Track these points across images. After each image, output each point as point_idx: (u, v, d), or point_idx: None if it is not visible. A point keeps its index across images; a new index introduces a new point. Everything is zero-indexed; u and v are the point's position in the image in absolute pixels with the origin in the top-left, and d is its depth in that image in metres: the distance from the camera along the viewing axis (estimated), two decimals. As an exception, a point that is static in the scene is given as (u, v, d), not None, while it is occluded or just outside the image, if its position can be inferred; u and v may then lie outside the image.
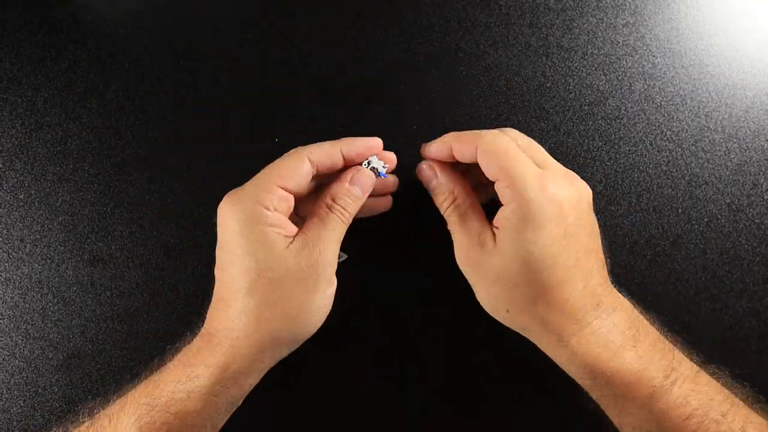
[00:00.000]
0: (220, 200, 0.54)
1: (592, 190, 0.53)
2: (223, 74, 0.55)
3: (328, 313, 0.45)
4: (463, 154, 0.44)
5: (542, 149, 0.44)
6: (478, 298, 0.45)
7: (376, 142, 0.47)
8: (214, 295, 0.45)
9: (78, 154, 0.55)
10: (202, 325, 0.46)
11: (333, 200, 0.44)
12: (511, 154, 0.41)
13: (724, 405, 0.40)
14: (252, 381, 0.44)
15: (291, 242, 0.42)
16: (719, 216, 0.53)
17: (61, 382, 0.52)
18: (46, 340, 0.53)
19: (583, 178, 0.53)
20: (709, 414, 0.39)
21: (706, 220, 0.53)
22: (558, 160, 0.53)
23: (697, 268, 0.52)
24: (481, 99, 0.55)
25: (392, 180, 0.50)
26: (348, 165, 0.46)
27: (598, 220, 0.53)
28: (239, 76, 0.55)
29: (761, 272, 0.52)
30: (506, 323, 0.44)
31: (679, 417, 0.39)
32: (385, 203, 0.50)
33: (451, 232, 0.45)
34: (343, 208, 0.44)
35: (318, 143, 0.45)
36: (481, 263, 0.42)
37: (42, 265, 0.53)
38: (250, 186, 0.44)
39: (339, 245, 0.44)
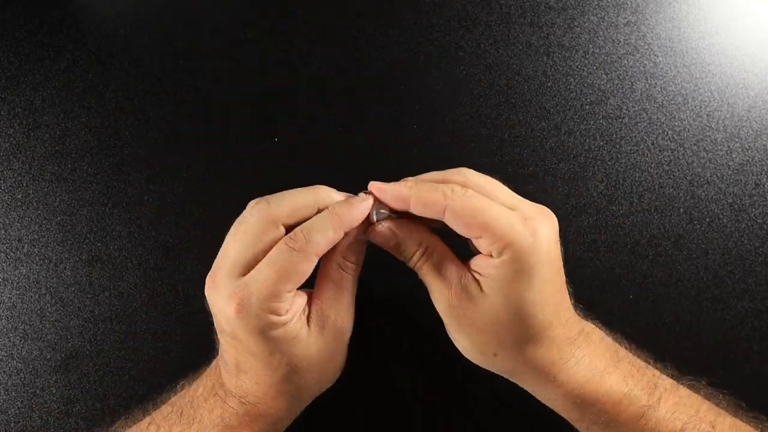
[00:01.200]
0: (220, 200, 0.54)
1: (593, 190, 0.53)
2: (223, 74, 0.55)
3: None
4: (425, 213, 0.40)
5: (502, 186, 0.42)
6: (459, 346, 0.42)
7: (366, 203, 0.42)
8: (235, 367, 0.42)
9: (77, 153, 0.54)
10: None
11: (344, 258, 0.42)
12: (488, 210, 0.38)
13: (710, 415, 0.40)
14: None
15: (309, 322, 0.41)
16: (721, 216, 0.53)
17: (60, 383, 0.52)
18: (44, 341, 0.52)
19: (583, 178, 0.53)
20: (699, 426, 0.39)
21: (707, 220, 0.53)
22: (559, 160, 0.53)
23: (698, 269, 0.52)
24: (482, 98, 0.55)
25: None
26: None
27: (599, 220, 0.53)
28: (239, 76, 0.55)
29: (763, 272, 0.52)
30: (489, 367, 0.42)
31: (672, 431, 0.39)
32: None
33: (425, 282, 0.42)
34: (356, 264, 0.42)
35: (320, 230, 0.40)
36: (467, 311, 0.40)
37: (40, 266, 0.53)
38: (255, 298, 0.38)
39: (353, 304, 0.43)
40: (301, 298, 0.41)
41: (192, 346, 0.52)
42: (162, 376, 0.52)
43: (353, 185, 0.54)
